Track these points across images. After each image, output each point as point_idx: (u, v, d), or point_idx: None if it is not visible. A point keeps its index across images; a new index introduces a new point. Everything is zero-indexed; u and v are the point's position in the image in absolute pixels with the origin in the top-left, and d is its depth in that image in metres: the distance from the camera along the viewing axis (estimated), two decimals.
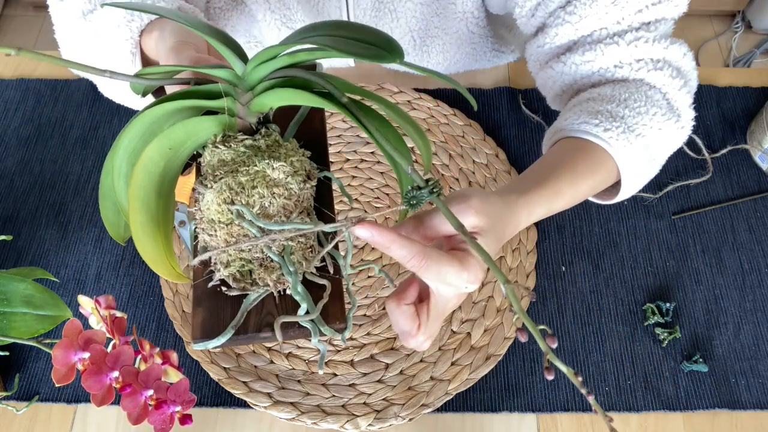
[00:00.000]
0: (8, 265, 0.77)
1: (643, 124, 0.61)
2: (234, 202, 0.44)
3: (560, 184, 0.56)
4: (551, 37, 0.68)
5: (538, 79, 0.75)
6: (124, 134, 0.44)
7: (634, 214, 0.79)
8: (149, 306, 0.74)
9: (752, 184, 0.81)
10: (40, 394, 0.69)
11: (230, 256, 0.44)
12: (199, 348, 0.43)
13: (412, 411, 0.67)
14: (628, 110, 0.61)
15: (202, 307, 0.44)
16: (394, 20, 0.81)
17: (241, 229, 0.44)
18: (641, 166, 0.62)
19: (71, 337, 0.45)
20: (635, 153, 0.60)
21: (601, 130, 0.59)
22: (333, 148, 0.84)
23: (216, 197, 0.44)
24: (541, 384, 0.69)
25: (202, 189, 0.45)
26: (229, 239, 0.44)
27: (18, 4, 2.13)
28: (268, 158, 0.45)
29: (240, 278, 0.44)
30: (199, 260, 0.44)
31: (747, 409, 0.68)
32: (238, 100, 0.45)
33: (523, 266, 0.75)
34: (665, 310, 0.73)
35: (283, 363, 0.70)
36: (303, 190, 0.46)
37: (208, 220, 0.45)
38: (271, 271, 0.44)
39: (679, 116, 0.64)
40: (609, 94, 0.63)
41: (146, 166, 0.43)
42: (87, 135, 0.86)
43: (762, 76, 0.91)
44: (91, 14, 0.63)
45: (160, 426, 0.45)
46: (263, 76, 0.45)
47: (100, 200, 0.47)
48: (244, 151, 0.45)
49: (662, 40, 0.63)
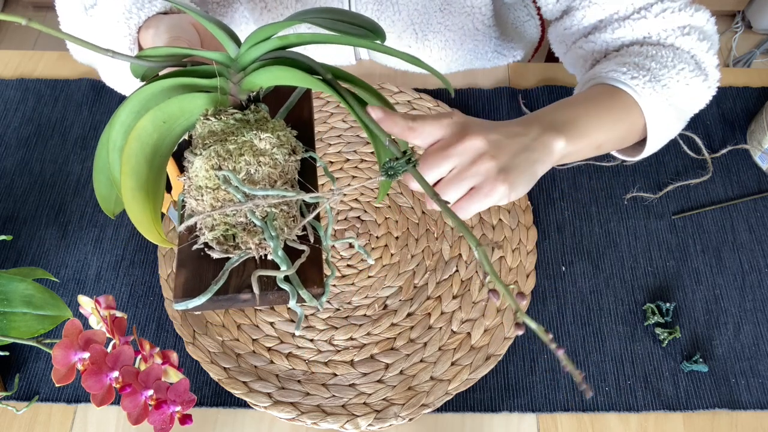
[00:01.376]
0: (8, 265, 0.77)
1: (669, 76, 0.62)
2: (221, 168, 0.45)
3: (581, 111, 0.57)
4: (579, 19, 0.69)
5: (566, 59, 0.77)
6: (121, 109, 0.45)
7: (634, 214, 0.79)
8: (149, 306, 0.74)
9: (752, 184, 0.82)
10: (40, 394, 0.69)
11: (215, 220, 0.46)
12: (179, 308, 0.45)
13: (412, 411, 0.67)
14: (655, 63, 0.63)
15: (185, 269, 0.46)
16: (396, 13, 0.82)
17: (226, 194, 0.46)
18: (667, 117, 0.63)
19: (71, 337, 0.45)
20: (660, 102, 0.61)
21: (628, 78, 0.61)
22: (333, 148, 0.84)
23: (204, 163, 0.46)
24: (541, 384, 0.69)
25: (191, 157, 0.47)
26: (215, 204, 0.46)
27: (18, 4, 2.13)
28: (256, 129, 0.47)
29: (223, 241, 0.46)
30: (185, 225, 0.46)
31: (747, 409, 0.68)
32: (230, 80, 0.48)
33: (523, 266, 0.75)
34: (665, 310, 0.73)
35: (283, 363, 0.70)
36: (288, 162, 0.48)
37: (195, 186, 0.46)
38: (254, 235, 0.45)
39: (706, 75, 0.66)
40: (637, 51, 0.65)
41: (140, 135, 0.44)
42: (87, 135, 0.86)
43: (762, 76, 0.91)
44: (92, 9, 0.64)
45: (160, 426, 0.45)
46: (255, 57, 0.47)
47: (94, 174, 0.49)
48: (233, 123, 0.47)
49: (687, 8, 0.66)
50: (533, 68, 0.91)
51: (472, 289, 0.73)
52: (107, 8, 0.62)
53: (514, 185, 0.50)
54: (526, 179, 0.51)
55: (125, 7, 0.61)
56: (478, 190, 0.49)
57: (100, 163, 0.48)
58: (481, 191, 0.49)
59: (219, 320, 0.72)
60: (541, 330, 0.33)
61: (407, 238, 0.77)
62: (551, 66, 0.92)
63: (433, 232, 0.77)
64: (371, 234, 0.77)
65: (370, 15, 0.82)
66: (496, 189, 0.49)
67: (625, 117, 0.61)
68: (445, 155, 0.49)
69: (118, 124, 0.46)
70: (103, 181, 0.49)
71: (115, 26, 0.60)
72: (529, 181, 0.52)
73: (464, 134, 0.49)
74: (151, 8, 0.61)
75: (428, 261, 0.75)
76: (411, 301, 0.73)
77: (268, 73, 0.47)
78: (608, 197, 0.80)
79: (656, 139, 0.64)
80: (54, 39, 2.15)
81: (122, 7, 0.61)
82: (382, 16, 0.82)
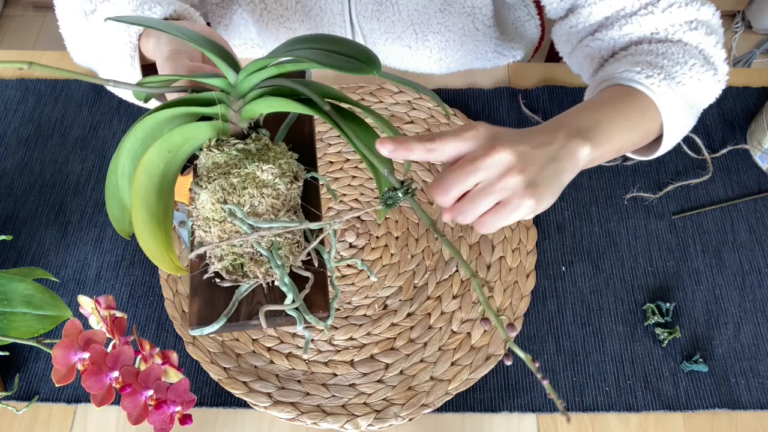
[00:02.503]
0: (8, 265, 0.77)
1: (683, 73, 0.62)
2: (226, 202, 0.47)
3: (602, 115, 0.56)
4: (585, 17, 0.69)
5: (571, 59, 0.75)
6: (127, 138, 0.47)
7: (634, 214, 0.79)
8: (149, 306, 0.74)
9: (752, 184, 0.81)
10: (40, 394, 0.69)
11: (223, 250, 0.48)
12: (195, 334, 0.47)
13: (412, 411, 0.67)
14: (667, 60, 0.62)
15: (198, 297, 0.48)
16: (395, 13, 0.82)
17: (233, 226, 0.48)
18: (682, 114, 0.62)
19: (71, 337, 0.45)
20: (676, 100, 0.61)
21: (643, 77, 0.60)
22: (333, 148, 0.84)
23: (210, 197, 0.48)
24: (540, 384, 0.69)
25: (198, 189, 0.49)
26: (222, 235, 0.48)
27: (18, 4, 2.13)
28: (258, 161, 0.48)
29: (232, 270, 0.48)
30: (195, 254, 0.48)
31: (747, 409, 0.68)
32: (230, 107, 0.49)
33: (523, 266, 0.75)
34: (665, 310, 0.73)
35: (283, 363, 0.70)
36: (290, 190, 0.49)
37: (203, 217, 0.49)
38: (261, 264, 0.48)
39: (716, 70, 0.66)
40: (647, 49, 0.65)
41: (147, 168, 0.46)
42: (87, 135, 0.86)
43: (762, 76, 0.91)
44: (92, 14, 0.64)
45: (160, 426, 0.45)
46: (253, 84, 0.48)
47: (106, 198, 0.50)
48: (236, 155, 0.48)
49: (693, 3, 0.65)
50: (533, 68, 0.91)
51: (472, 289, 0.73)
52: (107, 15, 0.62)
53: (542, 198, 0.49)
54: (553, 192, 0.50)
55: (125, 14, 0.60)
56: (505, 205, 0.48)
57: (110, 188, 0.50)
58: (509, 206, 0.48)
59: None
60: (528, 359, 0.35)
61: (407, 238, 0.77)
62: (551, 66, 0.92)
63: (432, 231, 0.77)
64: (371, 234, 0.77)
65: (369, 15, 0.82)
66: (523, 204, 0.48)
67: (643, 117, 0.60)
68: (473, 169, 0.47)
69: (125, 151, 0.47)
70: (115, 204, 0.51)
71: (115, 33, 0.60)
72: (556, 192, 0.50)
73: (492, 146, 0.47)
74: (151, 15, 0.60)
75: (428, 261, 0.75)
76: (411, 301, 0.73)
77: (267, 102, 0.49)
78: (608, 197, 0.80)
79: (672, 137, 0.63)
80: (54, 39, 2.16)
81: (122, 14, 0.61)
82: (382, 16, 0.82)
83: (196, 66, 0.54)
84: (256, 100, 0.49)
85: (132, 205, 0.46)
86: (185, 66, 0.53)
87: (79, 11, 0.65)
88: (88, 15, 0.64)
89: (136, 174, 0.46)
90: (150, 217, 0.47)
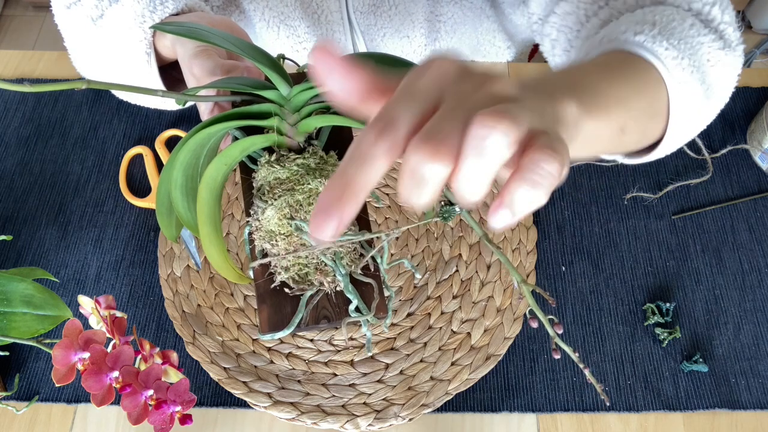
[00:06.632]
0: (8, 265, 0.77)
1: (690, 35, 0.52)
2: (293, 218, 0.51)
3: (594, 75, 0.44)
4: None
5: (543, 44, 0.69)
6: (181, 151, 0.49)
7: (634, 214, 0.79)
8: (149, 306, 0.74)
9: (752, 184, 0.82)
10: (40, 394, 0.69)
11: (289, 261, 0.52)
12: (267, 338, 0.51)
13: (412, 411, 0.67)
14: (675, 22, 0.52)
15: (266, 305, 0.52)
16: (392, 7, 0.82)
17: (299, 240, 0.51)
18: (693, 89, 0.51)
19: (71, 337, 0.45)
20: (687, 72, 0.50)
21: (650, 41, 0.49)
22: None
23: (277, 213, 0.51)
24: (541, 384, 0.69)
25: (262, 204, 0.52)
26: (288, 248, 0.51)
27: (18, 4, 2.13)
28: (319, 177, 0.51)
29: (299, 280, 0.52)
30: (258, 263, 0.52)
31: (747, 409, 0.68)
32: (286, 121, 0.51)
33: (523, 266, 0.75)
34: (665, 310, 0.73)
35: (283, 363, 0.70)
36: None
37: (267, 230, 0.52)
38: (326, 274, 0.52)
39: (728, 42, 0.56)
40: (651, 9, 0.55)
41: (208, 183, 0.49)
42: (87, 135, 0.86)
43: (762, 76, 0.91)
44: (100, 19, 0.63)
45: (160, 426, 0.45)
46: (307, 99, 0.50)
47: (156, 206, 0.52)
48: (296, 170, 0.51)
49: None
50: (533, 68, 0.92)
51: (472, 289, 0.73)
52: (117, 16, 0.61)
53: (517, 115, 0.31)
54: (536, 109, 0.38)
55: (137, 12, 0.60)
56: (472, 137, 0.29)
57: (161, 196, 0.51)
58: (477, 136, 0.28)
59: (219, 320, 0.72)
60: (571, 351, 0.39)
61: (407, 238, 0.77)
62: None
63: (433, 232, 0.77)
64: None
65: (366, 11, 0.83)
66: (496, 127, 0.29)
67: (646, 88, 0.48)
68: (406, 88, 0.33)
69: (178, 163, 0.49)
70: (164, 212, 0.52)
71: (128, 33, 0.59)
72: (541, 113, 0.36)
73: None
74: (164, 10, 0.60)
75: (428, 261, 0.75)
76: (411, 301, 0.73)
77: (325, 119, 0.51)
78: (608, 197, 0.80)
79: (681, 118, 0.51)
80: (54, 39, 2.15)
81: (133, 12, 0.60)
82: (378, 11, 0.83)
83: (231, 65, 0.54)
84: (314, 116, 0.51)
85: (198, 221, 0.49)
86: (219, 65, 0.53)
87: (85, 20, 0.64)
88: (95, 21, 0.63)
89: (199, 191, 0.48)
90: (213, 229, 0.49)
